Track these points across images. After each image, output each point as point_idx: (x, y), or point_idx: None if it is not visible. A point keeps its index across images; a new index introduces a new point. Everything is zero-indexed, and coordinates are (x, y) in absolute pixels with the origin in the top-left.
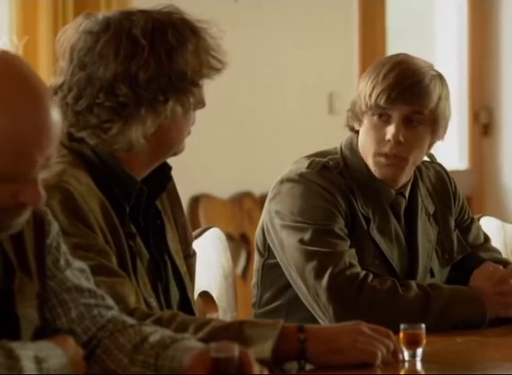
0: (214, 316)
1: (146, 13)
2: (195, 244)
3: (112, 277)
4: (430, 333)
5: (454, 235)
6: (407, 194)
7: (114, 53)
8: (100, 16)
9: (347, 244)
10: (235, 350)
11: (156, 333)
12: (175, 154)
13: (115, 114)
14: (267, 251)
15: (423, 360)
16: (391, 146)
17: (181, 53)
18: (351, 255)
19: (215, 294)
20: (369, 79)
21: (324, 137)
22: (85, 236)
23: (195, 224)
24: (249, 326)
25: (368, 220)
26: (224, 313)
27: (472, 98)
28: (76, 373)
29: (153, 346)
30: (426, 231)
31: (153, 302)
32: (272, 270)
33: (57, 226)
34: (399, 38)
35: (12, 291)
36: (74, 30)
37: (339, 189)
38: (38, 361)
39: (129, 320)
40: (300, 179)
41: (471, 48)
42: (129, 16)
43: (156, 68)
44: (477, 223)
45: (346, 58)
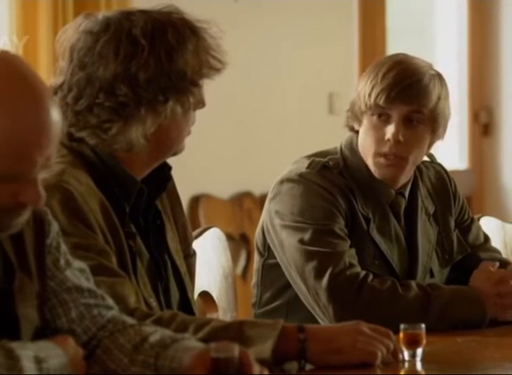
0: (214, 316)
1: (146, 13)
2: (195, 244)
3: (112, 277)
4: (430, 333)
5: (454, 235)
6: (406, 194)
7: (114, 53)
8: (100, 16)
9: (347, 244)
10: (235, 350)
11: (156, 333)
12: (175, 154)
13: (115, 114)
14: (267, 251)
15: (423, 360)
16: (391, 146)
17: (181, 53)
18: (351, 255)
19: (215, 294)
20: (368, 79)
21: (324, 137)
22: (85, 236)
23: (195, 224)
24: (249, 326)
25: (368, 220)
26: (224, 313)
27: (472, 98)
28: (76, 373)
29: (153, 346)
30: (426, 231)
31: (153, 302)
32: (272, 270)
33: (57, 226)
34: (399, 38)
35: (12, 291)
36: (74, 30)
37: (339, 189)
38: (38, 361)
39: (129, 320)
40: (300, 179)
41: (471, 48)
42: (129, 16)
43: (156, 68)
44: (477, 223)
45: (346, 58)
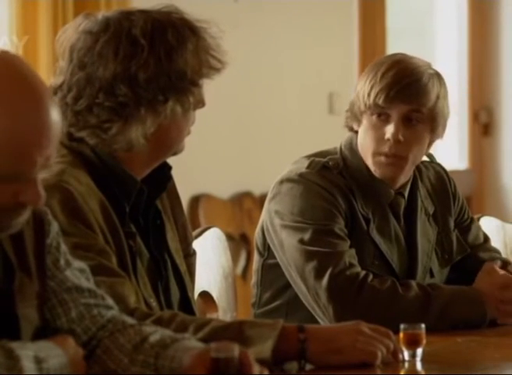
0: (214, 316)
1: (145, 13)
2: (195, 244)
3: (112, 277)
4: (430, 333)
5: (454, 235)
6: (406, 194)
7: (113, 53)
8: (99, 16)
9: (347, 244)
10: (235, 350)
11: (156, 333)
12: (175, 153)
13: (114, 114)
14: (267, 251)
15: (423, 360)
16: (390, 145)
17: (181, 53)
18: (351, 255)
19: (215, 294)
20: (367, 78)
21: (324, 137)
22: (85, 236)
23: (195, 224)
24: (249, 326)
25: (368, 221)
26: (224, 313)
27: (472, 98)
28: (76, 373)
29: (153, 346)
30: (426, 231)
31: (153, 302)
32: (272, 270)
33: (57, 226)
34: (399, 38)
35: (12, 291)
36: (74, 29)
37: (338, 189)
38: (38, 361)
39: (129, 320)
40: (300, 179)
41: (471, 48)
42: (128, 16)
43: (156, 68)
44: (476, 223)
45: (346, 58)
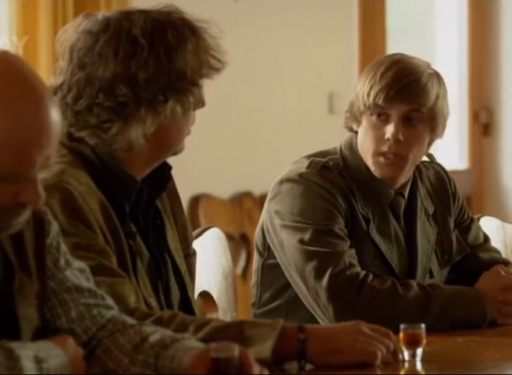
0: (214, 316)
1: (145, 13)
2: (195, 244)
3: (112, 277)
4: (430, 333)
5: (453, 235)
6: (406, 194)
7: (113, 53)
8: (99, 16)
9: (347, 244)
10: (235, 350)
11: (156, 333)
12: (175, 153)
13: (114, 114)
14: (266, 251)
15: (423, 360)
16: (390, 145)
17: (181, 53)
18: (351, 255)
19: (215, 294)
20: (367, 79)
21: (324, 137)
22: (85, 236)
23: (195, 224)
24: (249, 326)
25: (368, 221)
26: (224, 313)
27: (472, 98)
28: (76, 373)
29: (153, 346)
30: (425, 232)
31: (153, 302)
32: (272, 270)
33: (57, 226)
34: (399, 38)
35: (12, 291)
36: (74, 29)
37: (338, 189)
38: (38, 361)
39: (129, 320)
40: (300, 179)
41: (471, 48)
42: (128, 16)
43: (156, 68)
44: (476, 223)
45: (346, 58)
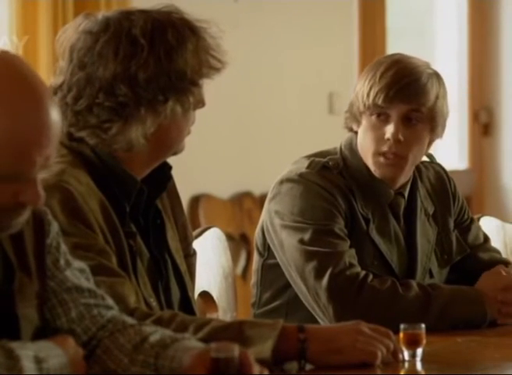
0: (214, 316)
1: (145, 13)
2: (195, 244)
3: (112, 277)
4: (430, 333)
5: (453, 236)
6: (406, 194)
7: (113, 53)
8: (99, 16)
9: (347, 245)
10: (235, 350)
11: (156, 333)
12: (175, 153)
13: (114, 114)
14: (266, 251)
15: (423, 360)
16: (390, 145)
17: (181, 53)
18: (351, 255)
19: (215, 294)
20: (366, 79)
21: (324, 137)
22: (85, 236)
23: (195, 224)
24: (249, 326)
25: (368, 221)
26: (224, 313)
27: (472, 98)
28: (76, 373)
29: (153, 346)
30: (425, 232)
31: (153, 302)
32: (272, 270)
33: (57, 226)
34: (399, 38)
35: (12, 291)
36: (74, 29)
37: (338, 189)
38: (38, 361)
39: (129, 320)
40: (300, 179)
41: (471, 48)
42: (128, 16)
43: (156, 68)
44: (476, 224)
45: (346, 58)
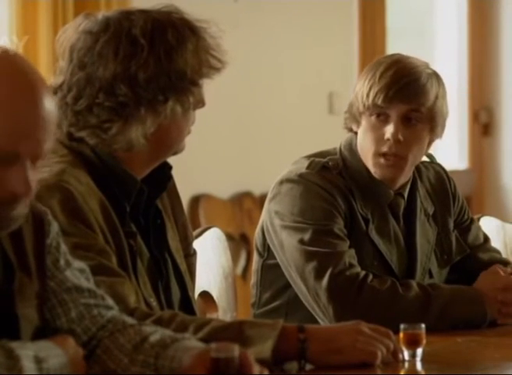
0: (214, 316)
1: (145, 13)
2: (195, 244)
3: (112, 277)
4: (430, 333)
5: (453, 236)
6: (405, 194)
7: (113, 53)
8: (99, 16)
9: (347, 245)
10: (235, 350)
11: (156, 333)
12: (175, 153)
13: (114, 114)
14: (266, 251)
15: (423, 360)
16: (390, 145)
17: (181, 53)
18: (351, 256)
19: (215, 294)
20: (366, 79)
21: (324, 137)
22: (85, 236)
23: (195, 224)
24: (249, 326)
25: (367, 221)
26: (224, 313)
27: (472, 98)
28: (76, 373)
29: (153, 346)
30: (425, 232)
31: (153, 302)
32: (272, 271)
33: (57, 226)
34: (399, 38)
35: (12, 291)
36: (74, 29)
37: (338, 189)
38: (38, 361)
39: (129, 320)
40: (300, 179)
41: (471, 48)
42: (128, 16)
43: (156, 68)
44: (476, 224)
45: (346, 58)
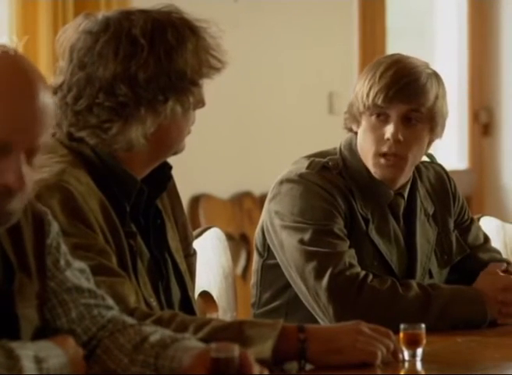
0: (214, 315)
1: (145, 13)
2: (195, 244)
3: (112, 277)
4: (430, 333)
5: (453, 236)
6: (405, 194)
7: (113, 53)
8: (99, 16)
9: (347, 245)
10: (235, 350)
11: (156, 333)
12: (175, 153)
13: (114, 114)
14: (266, 251)
15: (423, 360)
16: (390, 145)
17: (181, 53)
18: (351, 256)
19: (215, 294)
20: (366, 79)
21: (324, 137)
22: (85, 236)
23: (195, 224)
24: (249, 326)
25: (367, 221)
26: (224, 313)
27: (472, 98)
28: (76, 373)
29: (153, 346)
30: (425, 232)
31: (153, 302)
32: (272, 271)
33: (57, 226)
34: (399, 38)
35: (12, 291)
36: (74, 29)
37: (338, 190)
38: (38, 361)
39: (129, 320)
40: (300, 179)
41: (471, 48)
42: (128, 16)
43: (156, 68)
44: (476, 224)
45: (346, 58)
